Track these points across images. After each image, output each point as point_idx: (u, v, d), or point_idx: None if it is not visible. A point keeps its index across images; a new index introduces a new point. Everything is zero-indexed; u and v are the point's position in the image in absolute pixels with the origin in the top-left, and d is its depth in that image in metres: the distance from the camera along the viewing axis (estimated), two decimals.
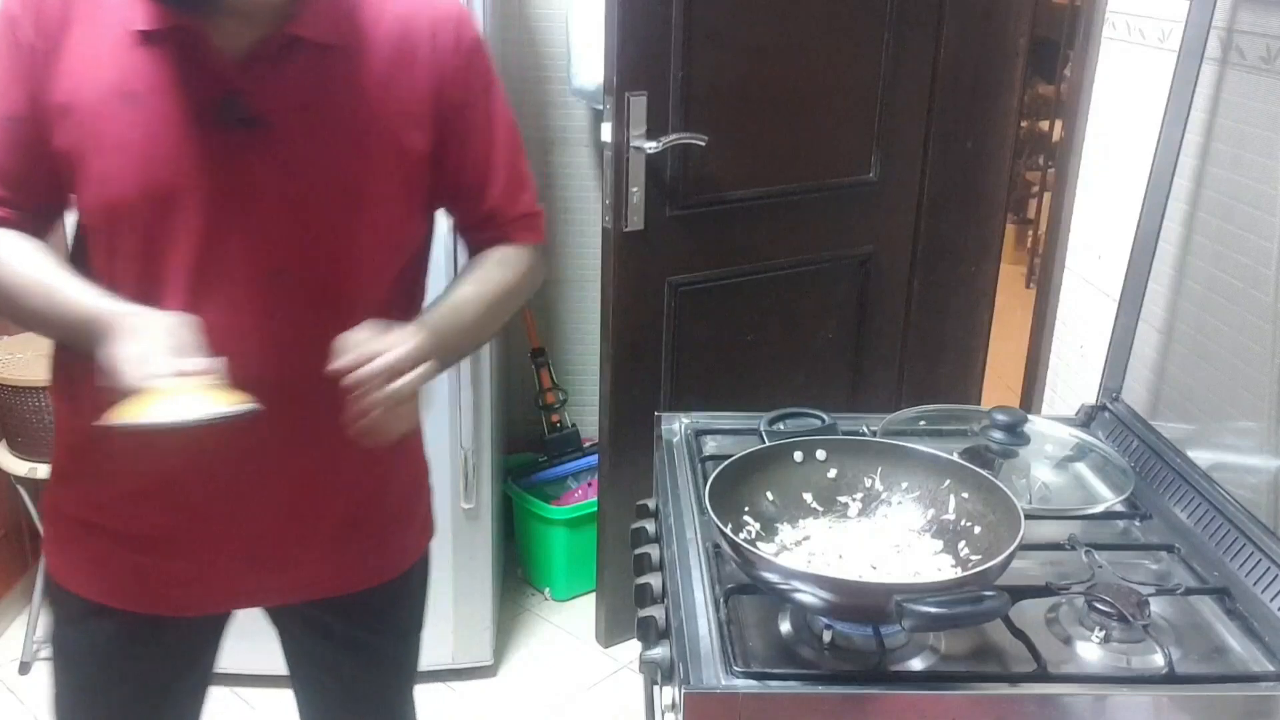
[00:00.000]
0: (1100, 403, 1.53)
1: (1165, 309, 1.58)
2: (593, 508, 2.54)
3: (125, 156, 1.03)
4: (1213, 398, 1.48)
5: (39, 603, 2.42)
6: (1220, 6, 1.41)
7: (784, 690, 0.95)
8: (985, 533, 1.09)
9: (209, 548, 1.16)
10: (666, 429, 1.44)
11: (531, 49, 2.67)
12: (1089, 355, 1.87)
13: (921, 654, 1.02)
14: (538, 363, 2.77)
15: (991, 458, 1.33)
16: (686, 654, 0.99)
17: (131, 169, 1.03)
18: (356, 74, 1.07)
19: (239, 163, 1.04)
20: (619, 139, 2.09)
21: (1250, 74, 1.40)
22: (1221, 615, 1.09)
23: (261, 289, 1.07)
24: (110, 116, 1.03)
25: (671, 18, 2.07)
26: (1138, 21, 1.70)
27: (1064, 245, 1.97)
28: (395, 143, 1.09)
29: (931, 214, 2.55)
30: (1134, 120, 1.71)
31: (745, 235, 2.31)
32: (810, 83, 2.30)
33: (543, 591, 2.75)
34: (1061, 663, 1.01)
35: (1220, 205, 1.46)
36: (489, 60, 1.16)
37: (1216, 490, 1.25)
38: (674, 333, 2.26)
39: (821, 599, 0.96)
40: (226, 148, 1.04)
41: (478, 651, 2.40)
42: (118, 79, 1.03)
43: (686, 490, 1.29)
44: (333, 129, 1.07)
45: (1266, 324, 1.35)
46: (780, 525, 1.16)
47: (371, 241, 1.11)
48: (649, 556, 1.23)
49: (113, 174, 1.04)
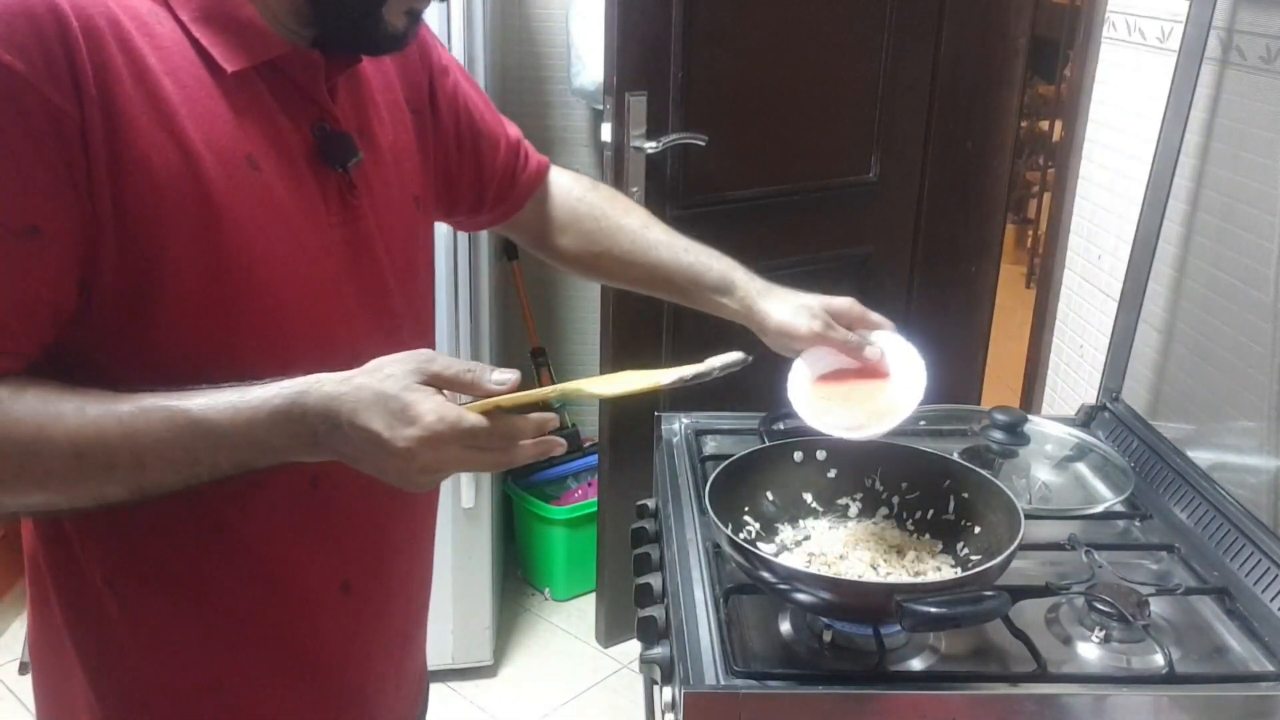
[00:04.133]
0: (1100, 403, 1.53)
1: (1165, 309, 1.58)
2: (593, 508, 2.54)
3: (265, 246, 0.81)
4: (1213, 398, 1.48)
5: None
6: (1220, 6, 1.41)
7: (784, 690, 0.95)
8: (985, 533, 1.09)
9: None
10: (666, 429, 1.44)
11: (531, 49, 2.67)
12: (1089, 355, 1.87)
13: (921, 654, 1.02)
14: (538, 363, 2.77)
15: (991, 458, 1.33)
16: (686, 654, 0.99)
17: (272, 264, 0.82)
18: (369, 84, 0.96)
19: (353, 212, 0.89)
20: (619, 139, 2.09)
21: (1250, 74, 1.40)
22: (1221, 615, 1.09)
23: (384, 344, 0.89)
24: (239, 195, 0.79)
25: (671, 18, 2.07)
26: (1138, 21, 1.70)
27: (1064, 245, 1.97)
28: (420, 134, 1.02)
29: (931, 214, 2.55)
30: (1134, 120, 1.71)
31: (745, 235, 2.30)
32: (810, 83, 2.30)
33: (543, 591, 2.75)
34: (1061, 663, 1.00)
35: (1220, 205, 1.46)
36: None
37: (1216, 490, 1.25)
38: (674, 332, 2.27)
39: (821, 599, 0.96)
40: (342, 198, 0.88)
41: (478, 651, 2.41)
42: (232, 142, 0.79)
43: (686, 490, 1.28)
44: (381, 148, 0.95)
45: (1266, 324, 1.35)
46: (780, 525, 1.16)
47: (430, 262, 1.03)
48: (649, 556, 1.23)
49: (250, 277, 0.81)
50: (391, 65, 1.00)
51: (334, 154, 0.87)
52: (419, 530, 1.07)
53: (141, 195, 0.75)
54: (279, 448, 0.78)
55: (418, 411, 0.76)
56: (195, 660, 0.91)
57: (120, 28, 0.75)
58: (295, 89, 0.85)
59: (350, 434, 0.76)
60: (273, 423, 0.76)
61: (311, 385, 0.77)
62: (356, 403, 0.76)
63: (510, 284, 2.70)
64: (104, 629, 0.89)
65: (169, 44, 0.77)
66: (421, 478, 0.78)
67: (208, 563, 0.88)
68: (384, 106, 0.97)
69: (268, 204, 0.81)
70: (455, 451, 0.77)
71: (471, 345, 2.17)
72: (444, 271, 2.08)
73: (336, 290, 0.88)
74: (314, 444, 0.78)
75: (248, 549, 0.89)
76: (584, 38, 2.39)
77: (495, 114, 1.16)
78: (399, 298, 0.95)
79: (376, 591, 0.99)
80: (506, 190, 1.18)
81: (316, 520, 0.91)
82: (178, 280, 0.78)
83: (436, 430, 0.76)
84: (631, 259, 1.21)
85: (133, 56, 0.75)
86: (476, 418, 0.78)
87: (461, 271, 2.09)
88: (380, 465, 0.78)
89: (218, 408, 0.76)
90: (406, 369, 0.78)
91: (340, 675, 0.99)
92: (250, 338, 0.82)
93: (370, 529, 0.96)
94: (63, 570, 0.90)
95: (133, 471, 0.76)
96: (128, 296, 0.77)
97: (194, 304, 0.79)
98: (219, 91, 0.79)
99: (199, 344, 0.80)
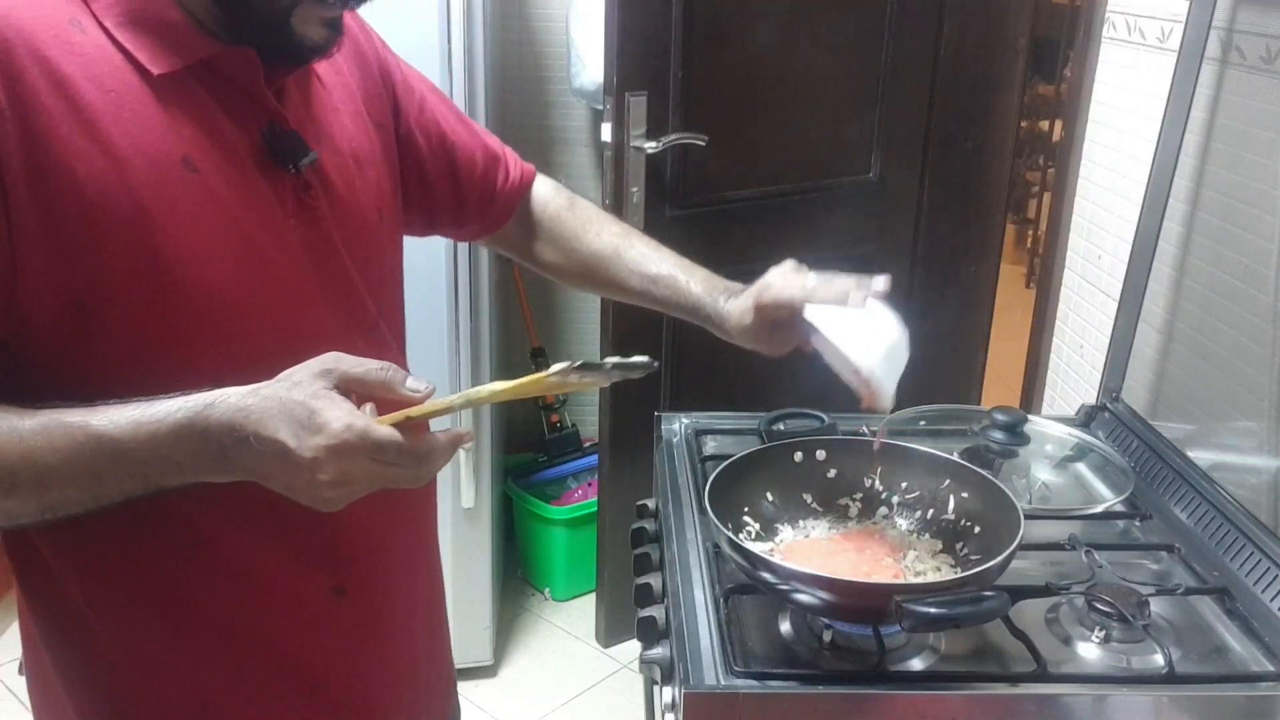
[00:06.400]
0: (1100, 403, 1.53)
1: (1165, 309, 1.58)
2: (593, 508, 2.54)
3: (210, 248, 0.79)
4: (1213, 398, 1.48)
5: None
6: (1220, 6, 1.41)
7: (784, 690, 0.95)
8: (985, 533, 1.09)
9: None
10: (666, 429, 1.44)
11: (531, 49, 2.67)
12: (1089, 355, 1.87)
13: (921, 654, 1.02)
14: (538, 363, 2.78)
15: (991, 458, 1.33)
16: (686, 654, 0.99)
17: (222, 264, 0.80)
18: (329, 92, 0.95)
19: (311, 213, 0.87)
20: (619, 139, 2.09)
21: (1250, 74, 1.40)
22: (1221, 615, 1.09)
23: (362, 340, 0.90)
24: (174, 198, 0.77)
25: (671, 18, 2.07)
26: (1138, 21, 1.70)
27: (1064, 245, 1.97)
28: (386, 147, 1.01)
29: (931, 214, 2.55)
30: (1134, 120, 1.71)
31: (745, 235, 2.31)
32: (810, 83, 2.30)
33: (543, 591, 2.75)
34: (1061, 663, 1.00)
35: (1220, 205, 1.46)
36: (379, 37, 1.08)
37: (1216, 490, 1.25)
38: (674, 333, 2.27)
39: (821, 599, 0.96)
40: (298, 198, 0.86)
41: (478, 651, 2.41)
42: (165, 145, 0.77)
43: (686, 490, 1.28)
44: (341, 152, 0.93)
45: (1266, 324, 1.35)
46: (780, 525, 1.16)
47: (398, 277, 1.02)
48: (649, 556, 1.23)
49: (197, 279, 0.79)
50: (353, 78, 0.99)
51: (283, 154, 0.85)
52: (417, 530, 1.06)
53: (69, 206, 0.73)
54: (184, 465, 0.75)
55: (324, 419, 0.72)
56: (181, 677, 0.89)
57: (32, 38, 0.73)
58: (237, 91, 0.83)
59: (257, 447, 0.73)
60: (175, 438, 0.73)
61: (218, 398, 0.74)
62: (263, 413, 0.72)
63: (510, 284, 2.71)
64: (87, 652, 0.89)
65: (91, 50, 0.76)
66: (329, 491, 0.74)
67: (188, 575, 0.87)
68: (346, 114, 0.96)
69: (210, 205, 0.79)
70: (364, 464, 0.74)
71: (471, 345, 2.16)
72: (444, 272, 2.08)
73: (299, 290, 0.86)
74: (221, 460, 0.74)
75: (229, 558, 0.87)
76: (584, 38, 2.39)
77: (469, 126, 1.16)
78: (369, 299, 0.94)
79: (374, 594, 0.98)
80: (487, 203, 1.17)
81: (301, 522, 0.86)
82: (118, 288, 0.76)
83: (344, 439, 0.72)
84: (605, 282, 1.21)
85: (49, 66, 0.73)
86: (388, 430, 0.74)
87: (461, 271, 2.09)
88: (289, 479, 0.74)
89: (119, 423, 0.73)
90: (313, 373, 0.75)
91: (338, 684, 0.97)
92: (205, 342, 0.81)
93: (361, 529, 0.94)
94: (40, 597, 0.89)
95: (35, 490, 0.74)
96: (68, 310, 0.76)
97: (139, 311, 0.77)
98: (150, 95, 0.77)
99: (150, 350, 0.79)
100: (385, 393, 0.77)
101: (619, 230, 1.22)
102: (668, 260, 1.18)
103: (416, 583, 1.06)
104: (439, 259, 2.06)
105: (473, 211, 1.17)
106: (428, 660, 1.10)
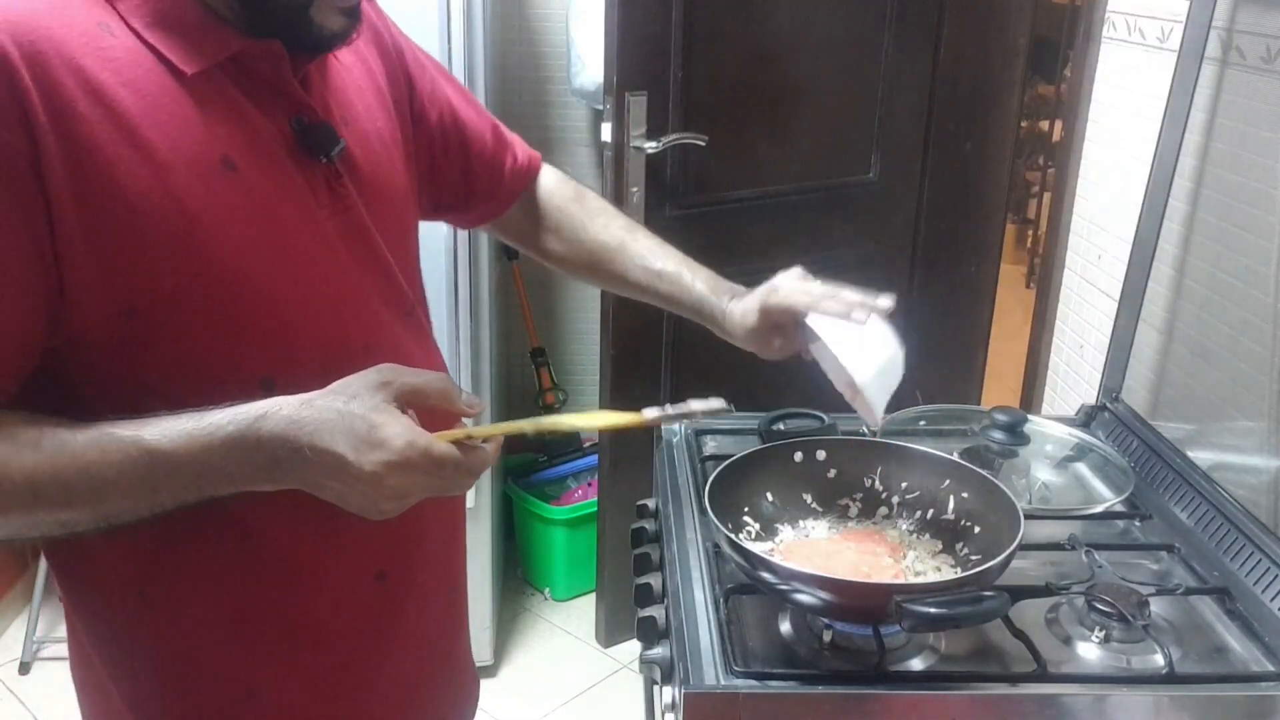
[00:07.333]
0: (1100, 403, 1.53)
1: (1165, 309, 1.58)
2: (593, 508, 2.54)
3: (254, 245, 0.80)
4: (1213, 398, 1.48)
5: (39, 603, 2.42)
6: (1220, 6, 1.41)
7: (784, 690, 0.95)
8: (985, 533, 1.09)
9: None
10: (666, 429, 1.44)
11: (531, 49, 2.67)
12: (1089, 355, 1.87)
13: (921, 654, 1.02)
14: (538, 362, 2.78)
15: (991, 458, 1.33)
16: (686, 654, 0.99)
17: (267, 261, 0.80)
18: (351, 73, 0.96)
19: (343, 200, 0.88)
20: (619, 139, 2.09)
21: (1250, 74, 1.40)
22: (1221, 615, 1.09)
23: (402, 326, 0.91)
24: (216, 198, 0.77)
25: (671, 18, 2.07)
26: (1138, 21, 1.70)
27: (1064, 245, 1.98)
28: (403, 126, 1.01)
29: (931, 214, 2.55)
30: (1134, 120, 1.71)
31: (745, 235, 2.31)
32: (810, 83, 2.30)
33: (543, 591, 2.75)
34: (1061, 663, 1.00)
35: (1220, 205, 1.46)
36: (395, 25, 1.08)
37: (1216, 490, 1.25)
38: (674, 333, 2.27)
39: (821, 599, 0.96)
40: (330, 188, 0.87)
41: (478, 651, 2.38)
42: (203, 146, 0.77)
43: (686, 490, 1.28)
44: (366, 134, 0.93)
45: (1266, 324, 1.35)
46: (780, 525, 1.16)
47: (417, 255, 1.02)
48: (649, 556, 1.23)
49: (245, 278, 0.79)
50: (372, 58, 1.00)
51: (315, 144, 0.85)
52: (455, 513, 1.07)
53: (114, 216, 0.73)
54: (236, 476, 0.75)
55: (385, 434, 0.73)
56: (228, 663, 0.90)
57: (66, 48, 0.72)
58: (264, 84, 0.83)
59: (312, 458, 0.74)
60: (227, 450, 0.74)
61: (271, 409, 0.74)
62: (319, 425, 0.73)
63: (510, 284, 2.70)
64: (133, 639, 0.89)
65: (123, 55, 0.75)
66: (387, 504, 0.76)
67: (236, 565, 0.88)
68: (370, 94, 0.97)
69: (251, 203, 0.80)
70: (422, 479, 0.76)
71: (471, 345, 2.16)
72: (444, 271, 2.08)
73: (341, 280, 0.87)
74: (274, 469, 0.75)
75: (274, 548, 0.88)
76: (584, 38, 2.39)
77: (478, 108, 1.16)
78: (405, 282, 0.95)
79: (412, 577, 0.98)
80: (495, 184, 1.17)
81: (350, 517, 0.86)
82: (168, 293, 0.76)
83: (407, 455, 0.74)
84: (609, 275, 1.20)
85: (84, 75, 0.72)
86: (448, 447, 0.76)
87: (461, 271, 2.09)
88: (343, 490, 0.75)
89: (172, 437, 0.74)
90: (371, 385, 0.76)
91: (384, 669, 0.98)
92: (254, 339, 0.81)
93: (403, 517, 0.93)
94: (85, 582, 0.89)
95: (91, 504, 0.75)
96: (119, 318, 0.76)
97: (189, 314, 0.78)
98: (185, 96, 0.77)
99: (201, 352, 0.79)
100: (443, 404, 0.79)
101: (625, 224, 1.21)
102: (673, 257, 1.18)
103: (450, 562, 1.07)
104: (439, 259, 2.06)
105: (480, 193, 1.17)
106: (454, 635, 1.11)
